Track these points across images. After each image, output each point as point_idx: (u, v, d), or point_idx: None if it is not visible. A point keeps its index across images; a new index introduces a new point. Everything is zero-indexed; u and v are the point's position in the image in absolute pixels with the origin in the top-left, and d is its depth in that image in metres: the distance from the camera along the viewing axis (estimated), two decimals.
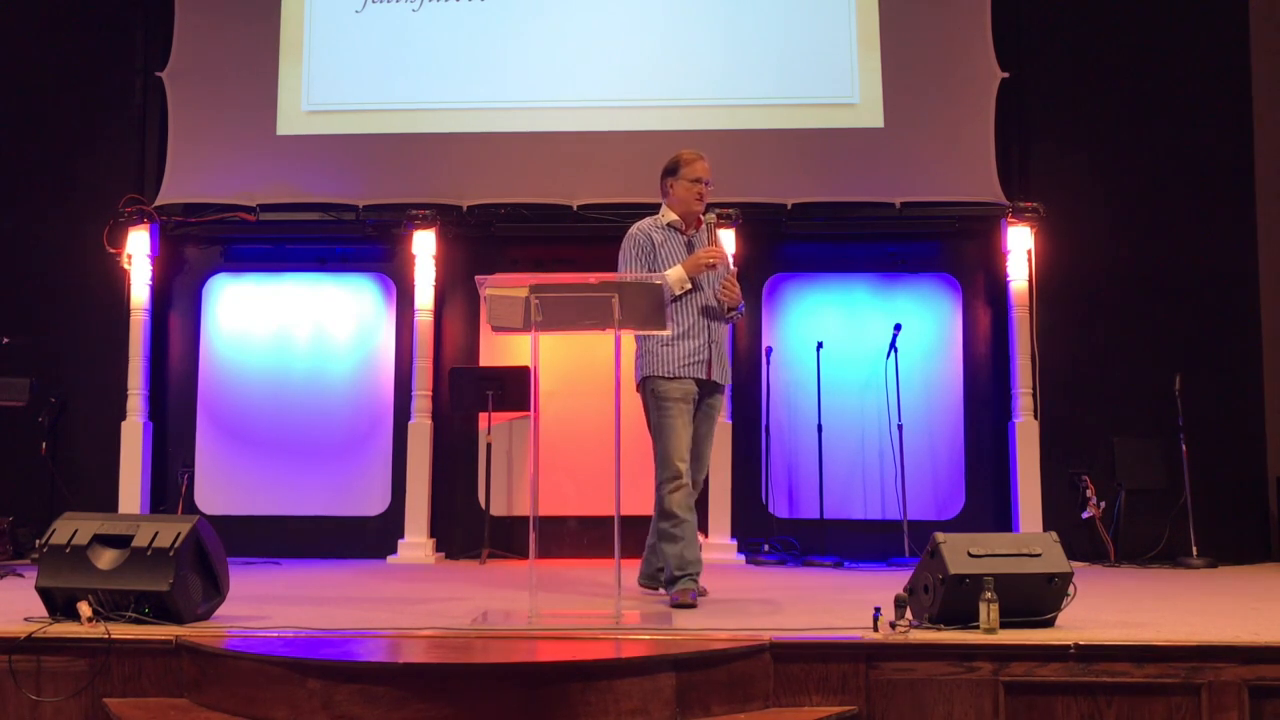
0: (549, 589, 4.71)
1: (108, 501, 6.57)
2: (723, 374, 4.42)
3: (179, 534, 3.51)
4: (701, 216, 4.45)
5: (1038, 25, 7.02)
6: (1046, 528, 6.04)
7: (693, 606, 4.08)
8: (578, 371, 6.72)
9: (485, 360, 6.90)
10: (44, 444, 6.66)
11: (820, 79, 6.83)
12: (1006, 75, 6.76)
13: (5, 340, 6.30)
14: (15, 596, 4.15)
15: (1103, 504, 6.51)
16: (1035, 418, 6.60)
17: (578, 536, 6.66)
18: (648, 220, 4.48)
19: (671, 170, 4.47)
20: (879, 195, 6.76)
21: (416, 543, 6.60)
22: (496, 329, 4.00)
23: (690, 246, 4.42)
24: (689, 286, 4.31)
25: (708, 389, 4.39)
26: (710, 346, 4.34)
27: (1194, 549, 6.30)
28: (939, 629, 3.34)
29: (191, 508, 6.73)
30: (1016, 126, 6.92)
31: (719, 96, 6.82)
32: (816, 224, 6.85)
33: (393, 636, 3.46)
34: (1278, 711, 3.13)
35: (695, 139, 6.78)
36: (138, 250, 6.81)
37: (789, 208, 6.74)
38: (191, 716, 3.12)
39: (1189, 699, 3.14)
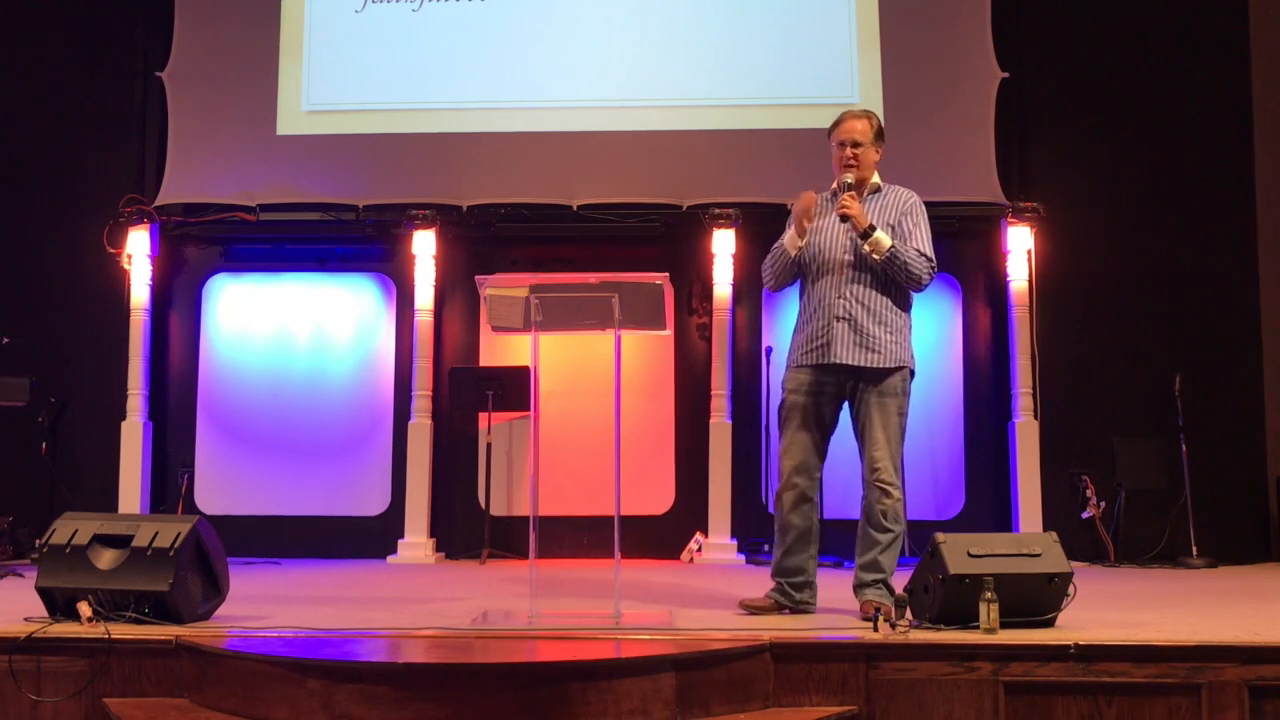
0: (549, 589, 4.71)
1: (108, 501, 6.57)
2: (855, 353, 3.82)
3: (179, 534, 3.50)
4: (849, 182, 3.94)
5: (1038, 25, 7.01)
6: (1046, 528, 6.04)
7: (754, 614, 3.87)
8: (578, 371, 6.72)
9: (485, 360, 6.90)
10: (44, 444, 6.66)
11: (820, 79, 6.82)
12: (1006, 75, 6.76)
13: (5, 340, 6.29)
14: (15, 596, 4.15)
15: (1103, 504, 6.51)
16: (1035, 418, 6.60)
17: (577, 536, 6.65)
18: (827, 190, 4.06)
19: (828, 133, 4.06)
20: None
21: (416, 543, 6.60)
22: (496, 329, 4.00)
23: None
24: (800, 244, 3.95)
25: (854, 375, 3.86)
26: (833, 327, 3.85)
27: (1194, 549, 6.30)
28: (939, 629, 3.34)
29: (191, 508, 6.73)
30: (1016, 126, 6.92)
31: (719, 96, 6.81)
32: None
33: (393, 636, 3.46)
34: (1278, 711, 3.13)
35: (695, 139, 6.81)
36: (138, 250, 6.81)
37: (789, 207, 6.71)
38: (191, 716, 3.12)
39: (1189, 699, 3.14)
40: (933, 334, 6.88)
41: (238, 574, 4.27)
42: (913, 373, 3.95)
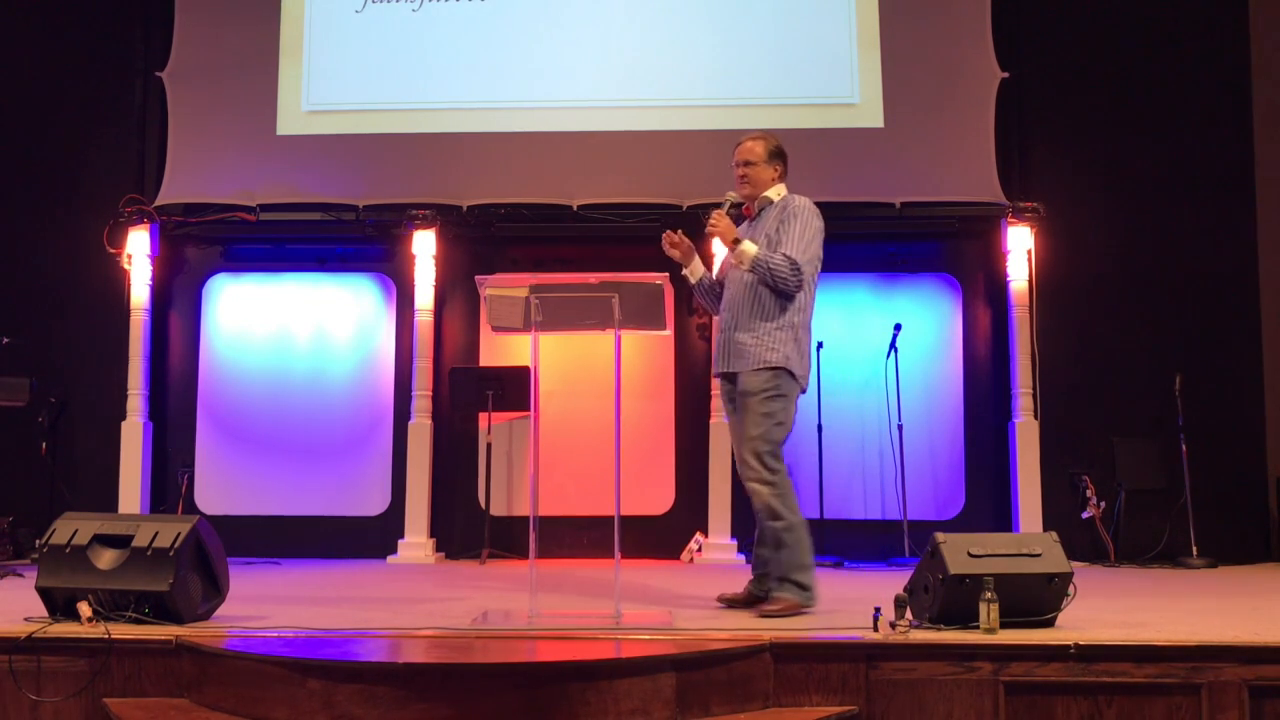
0: (549, 589, 4.71)
1: (108, 501, 6.57)
2: (730, 361, 4.10)
3: (179, 534, 3.51)
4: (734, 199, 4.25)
5: (1038, 25, 7.01)
6: (1046, 528, 6.04)
7: (729, 606, 4.16)
8: (578, 371, 6.72)
9: (485, 360, 6.90)
10: (44, 444, 6.66)
11: (820, 79, 6.83)
12: (1006, 75, 6.76)
13: (5, 340, 6.29)
14: (15, 596, 4.15)
15: (1103, 504, 6.51)
16: (1035, 418, 6.60)
17: (577, 536, 6.66)
18: None
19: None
20: (879, 195, 6.76)
21: (416, 543, 6.60)
22: (496, 329, 4.00)
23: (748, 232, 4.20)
24: (697, 273, 4.30)
25: (731, 380, 4.14)
26: (719, 338, 4.19)
27: (1194, 549, 6.30)
28: (939, 629, 3.34)
29: (191, 508, 6.73)
30: (1016, 126, 6.92)
31: (719, 96, 6.82)
32: None
33: (393, 636, 3.46)
34: (1278, 711, 3.13)
35: (695, 139, 6.81)
36: (138, 250, 6.81)
37: None
38: (191, 716, 3.12)
39: (1189, 699, 3.14)
40: (933, 334, 6.89)
41: (238, 574, 4.27)
42: (792, 374, 4.04)
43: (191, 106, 6.93)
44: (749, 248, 4.05)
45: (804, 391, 4.16)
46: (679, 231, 4.27)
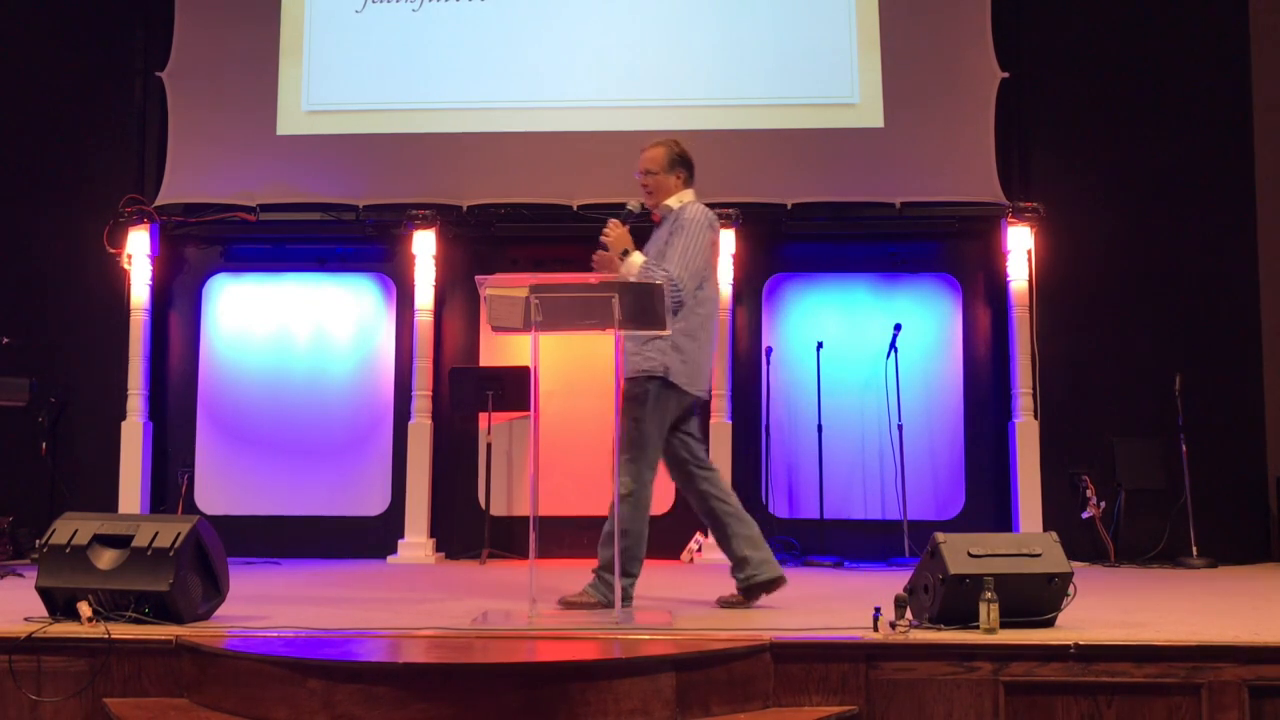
0: (549, 589, 4.70)
1: (108, 501, 6.57)
2: (624, 370, 4.13)
3: (179, 534, 3.50)
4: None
5: (1038, 25, 7.01)
6: (1046, 528, 6.04)
7: (727, 606, 4.18)
8: (578, 371, 6.72)
9: (485, 360, 6.90)
10: (44, 444, 6.66)
11: (820, 79, 6.83)
12: (1006, 75, 6.76)
13: (5, 340, 6.29)
14: (15, 596, 4.15)
15: (1103, 504, 6.51)
16: (1035, 418, 6.60)
17: (577, 536, 6.65)
18: None
19: None
20: (879, 195, 6.75)
21: (416, 543, 6.60)
22: (496, 329, 4.00)
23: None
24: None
25: None
26: None
27: (1194, 549, 6.29)
28: (939, 629, 3.34)
29: (191, 508, 6.73)
30: (1016, 126, 6.92)
31: (719, 97, 6.81)
32: (816, 224, 6.85)
33: (393, 636, 3.46)
34: (1278, 711, 3.13)
35: (695, 139, 6.76)
36: (138, 250, 6.81)
37: (789, 208, 6.74)
38: (191, 716, 3.12)
39: (1189, 699, 3.14)
40: (933, 334, 6.89)
41: (238, 574, 4.27)
42: (664, 381, 4.05)
43: (191, 106, 6.93)
44: (635, 260, 4.09)
45: (705, 398, 4.23)
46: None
